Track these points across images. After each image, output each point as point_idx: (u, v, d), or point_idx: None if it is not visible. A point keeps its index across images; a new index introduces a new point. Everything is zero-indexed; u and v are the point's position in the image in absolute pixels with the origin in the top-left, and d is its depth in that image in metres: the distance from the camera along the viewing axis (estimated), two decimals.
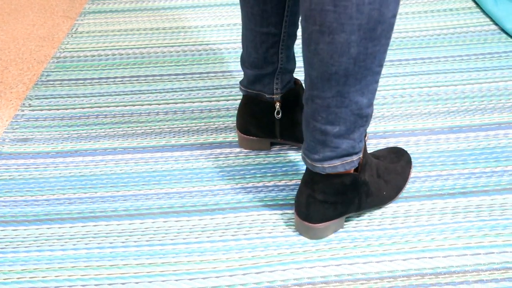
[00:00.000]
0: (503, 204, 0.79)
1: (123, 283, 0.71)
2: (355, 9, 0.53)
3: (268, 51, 0.77)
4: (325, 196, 0.70)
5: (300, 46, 1.21)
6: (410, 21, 1.28)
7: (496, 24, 1.25)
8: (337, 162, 0.67)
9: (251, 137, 0.89)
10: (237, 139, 0.95)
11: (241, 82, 0.85)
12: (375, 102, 1.02)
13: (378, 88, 1.06)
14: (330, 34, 0.55)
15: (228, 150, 0.93)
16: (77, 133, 0.98)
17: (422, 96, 1.03)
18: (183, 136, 0.96)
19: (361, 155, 0.69)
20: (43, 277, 0.72)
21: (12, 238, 0.78)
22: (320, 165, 0.68)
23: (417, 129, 0.95)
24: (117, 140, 0.96)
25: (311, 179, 0.70)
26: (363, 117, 0.64)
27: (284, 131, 0.86)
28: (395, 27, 1.26)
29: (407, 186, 0.83)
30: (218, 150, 0.93)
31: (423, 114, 0.99)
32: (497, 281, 0.69)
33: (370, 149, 0.91)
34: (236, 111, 1.02)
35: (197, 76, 1.13)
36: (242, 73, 1.13)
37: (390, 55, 1.16)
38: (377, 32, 0.55)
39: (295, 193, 0.83)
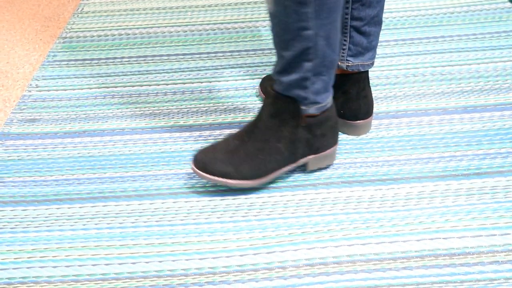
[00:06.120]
0: None
1: (133, 263, 0.71)
2: None
3: None
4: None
5: None
6: None
7: (511, 1, 1.21)
8: None
9: None
10: (247, 119, 0.93)
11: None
12: (387, 81, 1.00)
13: (390, 68, 1.04)
14: None
15: (238, 130, 0.91)
16: (85, 114, 0.97)
17: (435, 76, 1.01)
18: (192, 117, 0.95)
19: None
20: (53, 256, 0.72)
21: (22, 218, 0.78)
22: None
23: (430, 108, 0.93)
24: (125, 120, 0.95)
25: None
26: None
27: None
28: (408, 5, 1.23)
29: (420, 166, 0.82)
30: (228, 131, 0.91)
31: (436, 93, 0.96)
32: None
33: (381, 130, 0.89)
34: (244, 91, 1.00)
35: (205, 56, 1.11)
36: (250, 53, 1.11)
37: (402, 33, 1.13)
38: None
39: (304, 175, 0.82)
